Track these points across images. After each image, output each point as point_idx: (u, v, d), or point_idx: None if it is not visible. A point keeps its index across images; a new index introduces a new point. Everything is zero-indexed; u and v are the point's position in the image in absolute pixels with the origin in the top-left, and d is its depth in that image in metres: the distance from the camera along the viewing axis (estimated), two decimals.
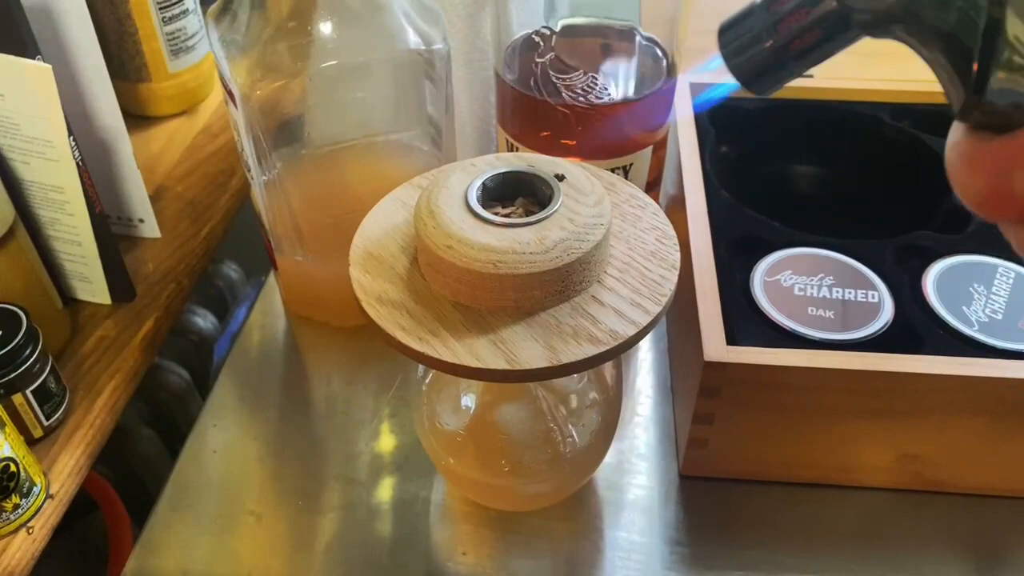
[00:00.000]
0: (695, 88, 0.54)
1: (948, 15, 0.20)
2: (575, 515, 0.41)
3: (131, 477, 0.61)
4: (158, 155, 0.60)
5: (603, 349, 0.29)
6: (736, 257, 0.42)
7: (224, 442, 0.45)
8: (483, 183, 0.31)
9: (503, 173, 0.31)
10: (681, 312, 0.43)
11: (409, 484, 0.42)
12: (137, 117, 0.62)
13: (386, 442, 0.44)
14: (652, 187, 0.48)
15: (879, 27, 0.21)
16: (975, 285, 0.40)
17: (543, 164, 0.32)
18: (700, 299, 0.38)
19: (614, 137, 0.44)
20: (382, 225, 0.33)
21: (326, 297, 0.49)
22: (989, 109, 0.20)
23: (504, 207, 0.32)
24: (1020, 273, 0.41)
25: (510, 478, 0.38)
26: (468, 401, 0.38)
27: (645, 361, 0.48)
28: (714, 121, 0.51)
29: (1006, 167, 0.20)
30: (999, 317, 0.39)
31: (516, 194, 0.32)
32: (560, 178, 0.31)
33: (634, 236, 0.32)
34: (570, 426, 0.38)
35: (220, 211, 0.57)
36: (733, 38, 0.24)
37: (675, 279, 0.31)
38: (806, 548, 0.39)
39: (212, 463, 0.44)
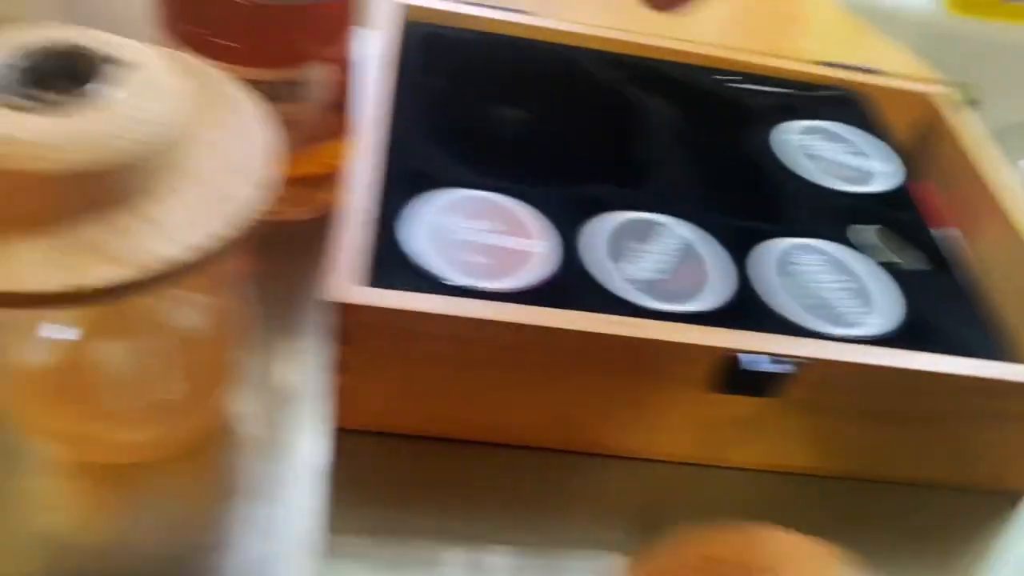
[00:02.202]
0: (409, 10, 0.50)
1: None
2: (210, 471, 0.36)
3: None
4: None
5: (144, 276, 0.24)
6: (401, 195, 0.38)
7: None
8: (13, 61, 0.25)
9: (41, 49, 0.25)
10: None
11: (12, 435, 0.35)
12: None
13: None
14: (336, 110, 0.43)
15: None
16: (639, 243, 0.38)
17: (106, 45, 0.26)
18: (339, 233, 0.34)
19: (279, 43, 0.38)
20: None
21: None
22: None
23: (54, 95, 0.25)
24: (684, 236, 0.40)
25: (100, 424, 0.32)
26: (50, 332, 0.32)
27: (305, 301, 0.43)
28: (426, 49, 0.47)
29: None
30: (656, 277, 0.37)
31: (67, 79, 0.26)
32: (118, 62, 0.25)
33: (221, 146, 0.27)
34: (173, 366, 0.32)
35: None
36: None
37: (260, 200, 0.26)
38: (469, 511, 0.36)
39: None
